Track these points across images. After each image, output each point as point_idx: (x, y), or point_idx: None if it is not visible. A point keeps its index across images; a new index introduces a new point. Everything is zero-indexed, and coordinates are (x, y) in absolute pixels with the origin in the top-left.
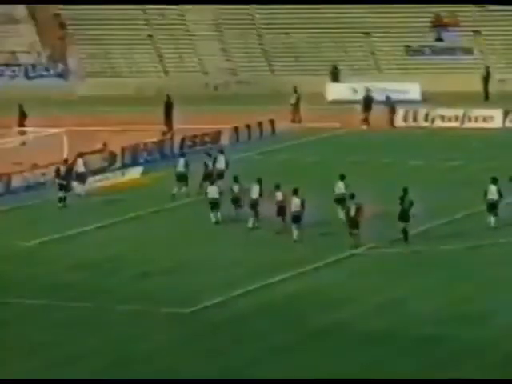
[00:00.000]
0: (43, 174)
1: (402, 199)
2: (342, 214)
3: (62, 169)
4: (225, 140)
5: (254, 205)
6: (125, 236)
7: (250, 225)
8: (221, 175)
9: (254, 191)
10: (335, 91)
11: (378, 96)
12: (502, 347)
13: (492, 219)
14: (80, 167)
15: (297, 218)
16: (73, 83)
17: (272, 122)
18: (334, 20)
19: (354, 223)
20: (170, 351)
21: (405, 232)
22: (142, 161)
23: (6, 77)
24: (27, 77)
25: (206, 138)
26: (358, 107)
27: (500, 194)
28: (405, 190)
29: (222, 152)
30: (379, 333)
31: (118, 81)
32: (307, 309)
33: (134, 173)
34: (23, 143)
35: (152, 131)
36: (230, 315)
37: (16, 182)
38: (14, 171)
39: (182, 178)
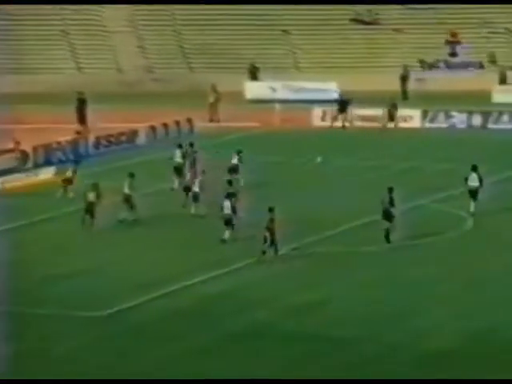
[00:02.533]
0: None
1: (384, 199)
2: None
3: None
4: (141, 139)
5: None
6: (38, 238)
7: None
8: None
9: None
10: (254, 90)
11: (297, 95)
12: (418, 347)
13: (472, 205)
14: None
15: (228, 222)
16: None
17: (190, 120)
18: (252, 17)
19: (269, 235)
20: (85, 354)
21: (387, 232)
22: (55, 160)
23: None
24: None
25: (122, 138)
26: (278, 106)
27: (480, 181)
28: (390, 190)
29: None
30: (298, 334)
31: (30, 78)
32: (225, 310)
33: (47, 173)
34: None
35: (66, 130)
36: (147, 317)
37: None
38: None
39: (179, 170)
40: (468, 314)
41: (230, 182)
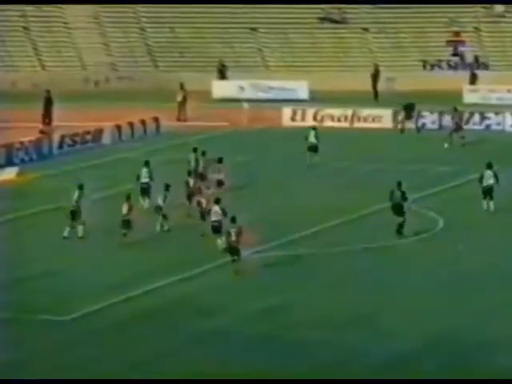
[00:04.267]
0: None
1: (392, 193)
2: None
3: None
4: (106, 138)
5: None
6: (3, 239)
7: (157, 228)
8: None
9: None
10: (222, 89)
11: (266, 94)
12: (386, 349)
13: (490, 204)
14: None
15: (216, 228)
16: None
17: (156, 119)
18: (219, 15)
19: (234, 250)
20: (47, 358)
21: (399, 226)
22: (17, 160)
23: None
24: None
25: (87, 137)
26: (246, 105)
27: (496, 179)
28: (399, 184)
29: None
30: (261, 337)
31: None
32: (188, 314)
33: (9, 173)
34: None
35: (28, 129)
36: (110, 321)
37: None
38: None
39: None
40: (433, 315)
41: (187, 183)
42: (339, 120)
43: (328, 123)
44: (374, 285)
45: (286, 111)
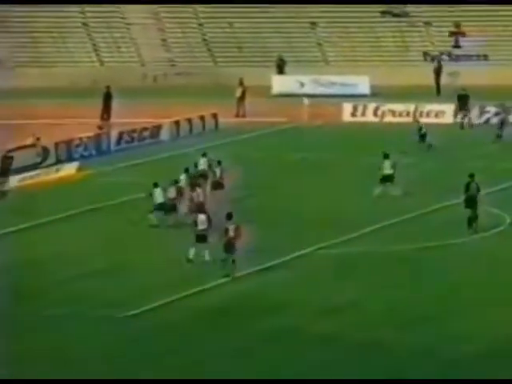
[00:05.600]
0: None
1: (468, 186)
2: None
3: None
4: (164, 135)
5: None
6: (58, 236)
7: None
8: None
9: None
10: (281, 84)
11: (326, 90)
12: (451, 350)
13: None
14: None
15: (203, 238)
16: (2, 73)
17: (215, 115)
18: (279, 9)
19: (231, 246)
20: (109, 355)
21: (470, 219)
22: (77, 156)
23: None
24: None
25: (145, 133)
26: (306, 101)
27: None
28: (471, 176)
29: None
30: (322, 337)
31: (50, 71)
32: (251, 312)
33: (69, 169)
34: None
35: (87, 125)
36: (172, 319)
37: None
38: None
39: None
40: (497, 320)
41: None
42: (401, 115)
43: (389, 119)
44: (440, 283)
45: (347, 107)
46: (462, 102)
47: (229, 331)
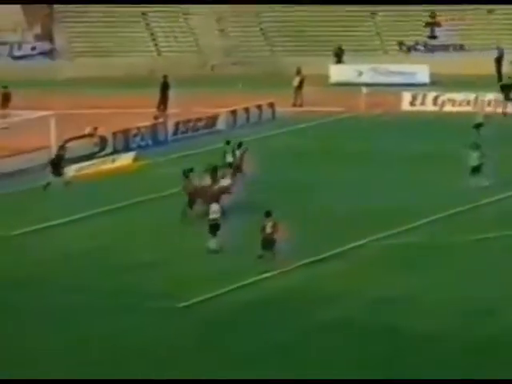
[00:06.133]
0: (29, 160)
1: None
2: None
3: (53, 154)
4: (221, 124)
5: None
6: (115, 225)
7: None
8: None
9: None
10: (340, 73)
11: (384, 79)
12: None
13: None
14: (69, 152)
15: (215, 227)
16: (60, 63)
17: (272, 105)
18: None
19: (269, 242)
20: (162, 347)
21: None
22: (134, 146)
23: None
24: (12, 56)
25: (202, 122)
26: (364, 90)
27: None
28: None
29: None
30: (378, 329)
31: (107, 61)
32: (303, 304)
33: (126, 159)
34: (6, 127)
35: (144, 115)
36: (225, 309)
37: (0, 168)
38: None
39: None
40: None
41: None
42: (461, 105)
43: (449, 108)
44: (496, 276)
45: (406, 96)
46: (506, 90)
47: (280, 324)
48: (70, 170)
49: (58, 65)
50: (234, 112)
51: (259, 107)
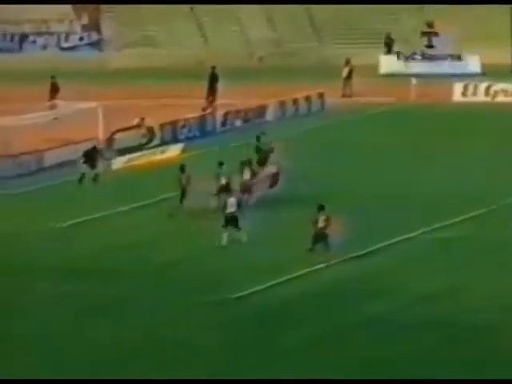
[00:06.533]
0: (78, 151)
1: None
2: None
3: (97, 145)
4: (270, 115)
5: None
6: (158, 217)
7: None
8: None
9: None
10: (389, 64)
11: (435, 69)
12: None
13: None
14: (117, 144)
15: (232, 220)
16: (108, 54)
17: (321, 95)
18: None
19: (321, 236)
20: (211, 337)
21: None
22: (182, 138)
23: (37, 46)
24: (60, 47)
25: (251, 113)
26: (414, 80)
27: None
28: None
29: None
30: (428, 321)
31: (155, 52)
32: (351, 298)
33: (174, 150)
34: (55, 118)
35: (192, 106)
36: (274, 302)
37: (49, 159)
38: (46, 148)
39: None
40: None
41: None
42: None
43: (501, 99)
44: None
45: (457, 86)
46: None
47: (326, 318)
48: (119, 162)
49: (105, 55)
50: (282, 103)
51: (308, 98)
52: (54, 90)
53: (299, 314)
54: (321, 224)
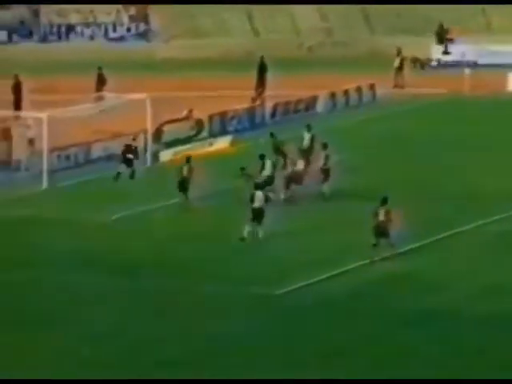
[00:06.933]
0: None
1: None
2: None
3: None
4: (320, 107)
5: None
6: (214, 209)
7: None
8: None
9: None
10: (441, 53)
11: (489, 59)
12: None
13: None
14: (165, 136)
15: (258, 214)
16: (156, 45)
17: (372, 86)
18: None
19: (383, 230)
20: (257, 334)
21: None
22: (230, 129)
23: (85, 37)
24: (107, 38)
25: (301, 105)
26: (467, 71)
27: None
28: None
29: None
30: (484, 316)
31: (204, 42)
32: (402, 293)
33: (223, 142)
34: (102, 110)
35: (241, 97)
36: (320, 298)
37: (96, 151)
38: (93, 140)
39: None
40: None
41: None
42: None
43: None
44: None
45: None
46: None
47: (382, 312)
48: (167, 154)
49: (153, 46)
50: (333, 94)
51: (359, 89)
52: (101, 82)
53: (354, 308)
54: (381, 217)
